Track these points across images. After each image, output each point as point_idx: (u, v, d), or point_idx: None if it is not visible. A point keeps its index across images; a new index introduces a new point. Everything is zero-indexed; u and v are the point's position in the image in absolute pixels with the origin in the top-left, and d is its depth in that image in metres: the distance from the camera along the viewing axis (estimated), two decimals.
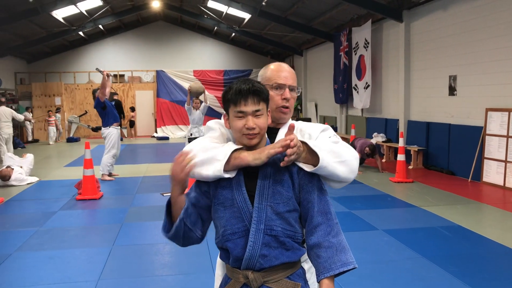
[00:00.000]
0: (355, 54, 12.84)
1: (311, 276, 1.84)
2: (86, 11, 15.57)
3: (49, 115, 16.84)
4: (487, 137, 7.84)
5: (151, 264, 4.31)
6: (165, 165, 10.67)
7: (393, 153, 10.89)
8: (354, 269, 1.57)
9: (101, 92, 8.33)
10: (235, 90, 1.58)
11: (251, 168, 1.59)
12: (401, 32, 10.52)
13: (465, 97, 8.59)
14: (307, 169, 1.59)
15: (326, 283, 1.54)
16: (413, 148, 9.68)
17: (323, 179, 1.68)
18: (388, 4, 10.63)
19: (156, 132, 19.65)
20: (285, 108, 1.78)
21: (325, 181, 1.68)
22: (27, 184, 8.43)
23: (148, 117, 20.13)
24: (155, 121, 19.94)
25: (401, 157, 8.20)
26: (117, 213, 6.20)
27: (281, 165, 1.55)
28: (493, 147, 7.72)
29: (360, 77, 12.59)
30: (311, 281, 1.81)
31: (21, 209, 6.60)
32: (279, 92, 1.79)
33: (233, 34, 19.07)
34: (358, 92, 12.78)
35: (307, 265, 1.82)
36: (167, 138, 18.59)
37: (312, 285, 1.80)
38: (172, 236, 1.70)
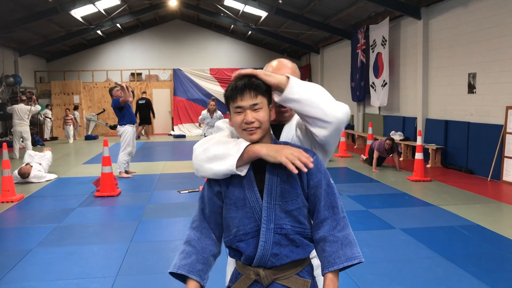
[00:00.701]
0: (373, 51, 12.74)
1: (316, 260, 1.83)
2: (104, 10, 15.73)
3: (66, 113, 17.02)
4: (507, 135, 7.72)
5: (168, 260, 4.33)
6: (182, 162, 10.73)
7: (411, 151, 10.79)
8: (374, 269, 1.56)
9: (123, 100, 8.57)
10: (232, 86, 1.58)
11: (258, 165, 1.59)
12: (419, 29, 10.40)
13: (484, 95, 8.46)
14: (277, 98, 1.59)
15: (329, 277, 1.54)
16: (431, 146, 9.57)
17: (305, 123, 1.63)
18: (406, 1, 10.52)
19: (173, 130, 19.77)
20: (283, 107, 1.75)
21: (308, 125, 1.62)
22: (46, 181, 8.56)
23: (165, 115, 20.26)
24: (172, 119, 20.06)
25: (419, 156, 8.12)
26: (134, 210, 6.27)
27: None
28: None
29: (377, 75, 12.50)
30: (319, 278, 1.81)
31: (40, 205, 6.71)
32: None
33: (250, 32, 19.06)
34: (375, 90, 12.68)
35: (317, 261, 1.82)
36: (183, 136, 18.68)
37: (320, 281, 1.80)
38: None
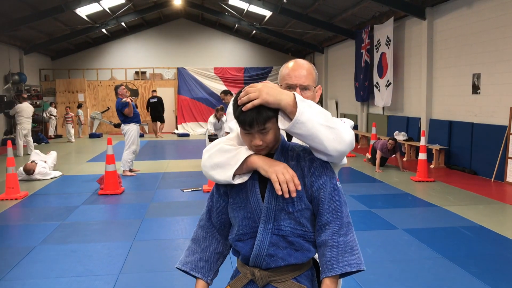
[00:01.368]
0: (377, 51, 12.72)
1: None
2: (109, 8, 15.77)
3: (66, 111, 16.94)
4: (511, 136, 7.70)
5: (171, 259, 4.36)
6: (185, 161, 10.76)
7: (414, 152, 10.77)
8: (376, 269, 1.55)
9: (127, 112, 8.68)
10: (239, 114, 1.51)
11: None
12: (423, 29, 10.38)
13: (489, 96, 8.44)
14: (282, 126, 1.50)
15: (326, 283, 1.51)
16: (435, 147, 9.55)
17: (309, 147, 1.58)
18: (411, 1, 10.50)
19: (177, 128, 19.81)
20: None
21: (310, 148, 1.58)
22: (51, 178, 8.60)
23: (169, 114, 20.27)
24: (176, 118, 20.09)
25: (422, 156, 8.11)
26: (138, 208, 6.29)
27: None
28: None
29: (381, 75, 12.48)
30: None
31: (45, 203, 6.74)
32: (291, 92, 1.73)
33: (254, 31, 19.07)
34: (379, 90, 12.67)
35: None
36: (187, 134, 18.72)
37: None
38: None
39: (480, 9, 8.58)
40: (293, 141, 1.75)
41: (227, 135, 1.82)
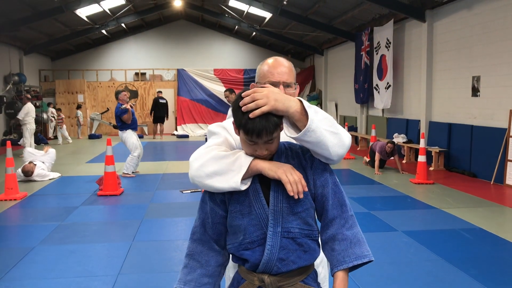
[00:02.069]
0: (377, 54, 12.73)
1: (322, 269, 1.81)
2: (109, 9, 15.78)
3: (58, 114, 16.40)
4: (511, 139, 7.70)
5: (170, 260, 4.35)
6: (184, 162, 10.75)
7: (413, 154, 10.78)
8: (376, 271, 1.55)
9: (126, 118, 8.69)
10: (246, 123, 1.44)
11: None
12: (423, 32, 10.39)
13: (488, 98, 8.45)
14: (291, 135, 1.49)
15: (340, 275, 1.51)
16: (434, 149, 9.55)
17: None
18: (410, 3, 10.52)
19: (176, 130, 19.80)
20: None
21: (311, 152, 1.57)
22: (50, 179, 8.59)
23: (168, 115, 20.27)
24: (176, 119, 20.09)
25: (422, 158, 8.11)
26: (137, 209, 6.28)
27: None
28: None
29: (381, 77, 12.49)
30: (321, 275, 1.78)
31: (43, 203, 6.74)
32: None
33: (254, 33, 19.09)
34: (379, 92, 12.68)
35: (321, 269, 1.81)
36: (187, 136, 18.71)
37: (323, 279, 1.79)
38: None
39: (480, 11, 8.59)
40: (285, 138, 1.70)
41: (208, 138, 1.74)
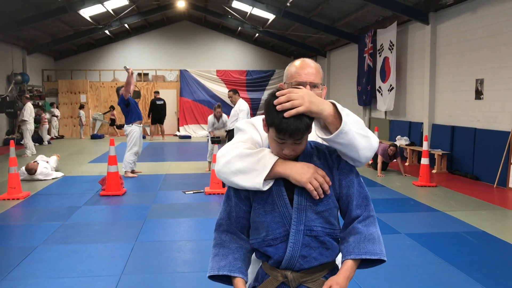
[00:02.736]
0: (380, 56, 12.72)
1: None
2: (112, 10, 15.80)
3: (39, 113, 15.82)
4: None
5: (172, 260, 4.35)
6: (187, 163, 10.76)
7: (416, 156, 10.76)
8: (378, 273, 1.56)
9: (125, 89, 8.54)
10: (279, 123, 1.47)
11: None
12: (427, 34, 10.38)
13: (492, 101, 8.43)
14: (324, 136, 1.53)
15: (348, 263, 1.54)
16: (437, 152, 9.54)
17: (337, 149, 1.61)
18: (414, 6, 10.51)
19: (178, 130, 19.81)
20: None
21: (339, 153, 1.61)
22: (52, 179, 8.60)
23: (171, 116, 20.27)
24: (178, 120, 20.10)
25: (424, 161, 8.10)
26: (139, 210, 6.28)
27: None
28: None
29: (384, 79, 12.48)
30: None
31: (46, 203, 6.74)
32: None
33: (257, 34, 19.10)
34: (382, 94, 12.67)
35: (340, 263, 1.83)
36: (189, 137, 18.72)
37: None
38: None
39: (484, 14, 8.58)
40: (311, 138, 1.72)
41: (234, 134, 1.78)
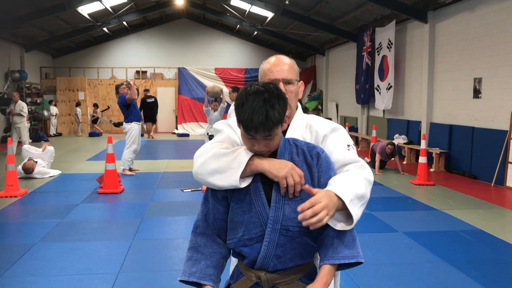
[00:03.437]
0: (378, 54, 12.73)
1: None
2: (111, 7, 15.78)
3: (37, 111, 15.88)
4: None
5: (170, 258, 4.35)
6: (185, 161, 10.75)
7: (414, 155, 10.77)
8: (376, 272, 1.56)
9: (129, 98, 8.62)
10: (246, 117, 1.45)
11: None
12: (425, 33, 10.39)
13: (490, 100, 8.44)
14: (339, 227, 1.51)
15: (326, 268, 1.50)
16: (435, 150, 9.55)
17: None
18: (413, 4, 10.51)
19: (176, 128, 19.80)
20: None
21: None
22: (50, 177, 8.59)
23: (169, 113, 20.29)
24: (176, 117, 20.09)
25: (422, 160, 8.11)
26: (137, 208, 6.28)
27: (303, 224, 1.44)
28: None
29: (382, 77, 12.48)
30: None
31: (44, 201, 6.73)
32: None
33: (256, 32, 19.08)
34: (380, 93, 12.67)
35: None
36: (187, 135, 18.71)
37: None
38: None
39: (482, 13, 8.59)
40: (290, 135, 1.71)
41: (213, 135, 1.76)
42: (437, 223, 5.61)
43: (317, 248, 1.58)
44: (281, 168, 1.50)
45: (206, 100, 9.11)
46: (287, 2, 13.35)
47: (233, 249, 1.61)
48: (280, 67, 1.76)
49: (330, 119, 16.82)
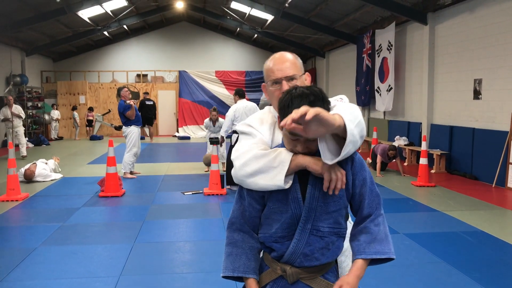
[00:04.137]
0: (378, 56, 12.74)
1: (345, 259, 1.86)
2: (111, 11, 15.80)
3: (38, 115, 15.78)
4: None
5: (171, 261, 4.36)
6: (186, 164, 10.76)
7: (415, 156, 10.77)
8: (377, 273, 1.56)
9: (130, 114, 8.73)
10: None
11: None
12: (425, 34, 10.40)
13: (490, 101, 8.44)
14: (328, 161, 1.47)
15: (359, 263, 1.56)
16: (436, 152, 9.55)
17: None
18: (412, 6, 10.53)
19: (177, 131, 19.81)
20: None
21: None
22: (51, 180, 8.60)
23: (170, 117, 20.31)
24: (177, 120, 20.11)
25: (423, 161, 8.11)
26: (138, 211, 6.29)
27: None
28: None
29: (383, 79, 12.49)
30: (344, 264, 1.84)
31: (45, 204, 6.74)
32: (278, 87, 1.75)
33: (256, 35, 19.11)
34: (380, 94, 12.68)
35: (343, 257, 1.85)
36: (188, 137, 18.71)
37: (345, 268, 1.84)
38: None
39: (482, 14, 8.60)
40: None
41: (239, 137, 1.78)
42: (438, 224, 5.61)
43: (350, 242, 1.64)
44: (318, 161, 1.53)
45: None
46: (286, 4, 13.38)
47: (263, 243, 1.66)
48: (280, 65, 1.77)
49: None
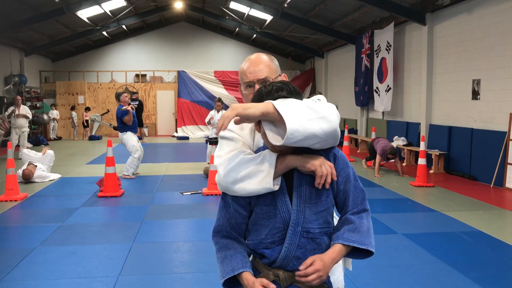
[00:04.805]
0: (377, 56, 12.75)
1: (335, 270, 1.84)
2: (110, 11, 15.81)
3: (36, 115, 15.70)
4: (511, 142, 7.71)
5: (170, 261, 4.36)
6: (185, 164, 10.76)
7: (414, 157, 10.78)
8: (376, 274, 1.57)
9: (128, 120, 8.77)
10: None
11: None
12: (424, 35, 10.41)
13: (488, 102, 8.46)
14: (276, 142, 1.45)
15: (337, 247, 1.56)
16: (435, 152, 9.56)
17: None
18: (411, 7, 10.54)
19: (176, 131, 19.81)
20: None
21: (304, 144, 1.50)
22: (50, 180, 8.59)
23: (168, 117, 20.31)
24: (176, 121, 20.11)
25: (422, 161, 8.11)
26: (137, 211, 6.29)
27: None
28: None
29: (381, 80, 12.50)
30: (334, 277, 1.81)
31: (44, 204, 6.74)
32: (251, 90, 1.72)
33: (254, 35, 19.11)
34: (379, 95, 12.69)
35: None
36: (187, 138, 18.72)
37: (337, 267, 1.84)
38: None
39: (480, 15, 8.61)
40: None
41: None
42: (436, 224, 5.62)
43: (333, 233, 1.62)
44: (315, 159, 1.52)
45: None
46: (285, 5, 13.38)
47: (253, 249, 1.64)
48: (254, 67, 1.74)
49: None
